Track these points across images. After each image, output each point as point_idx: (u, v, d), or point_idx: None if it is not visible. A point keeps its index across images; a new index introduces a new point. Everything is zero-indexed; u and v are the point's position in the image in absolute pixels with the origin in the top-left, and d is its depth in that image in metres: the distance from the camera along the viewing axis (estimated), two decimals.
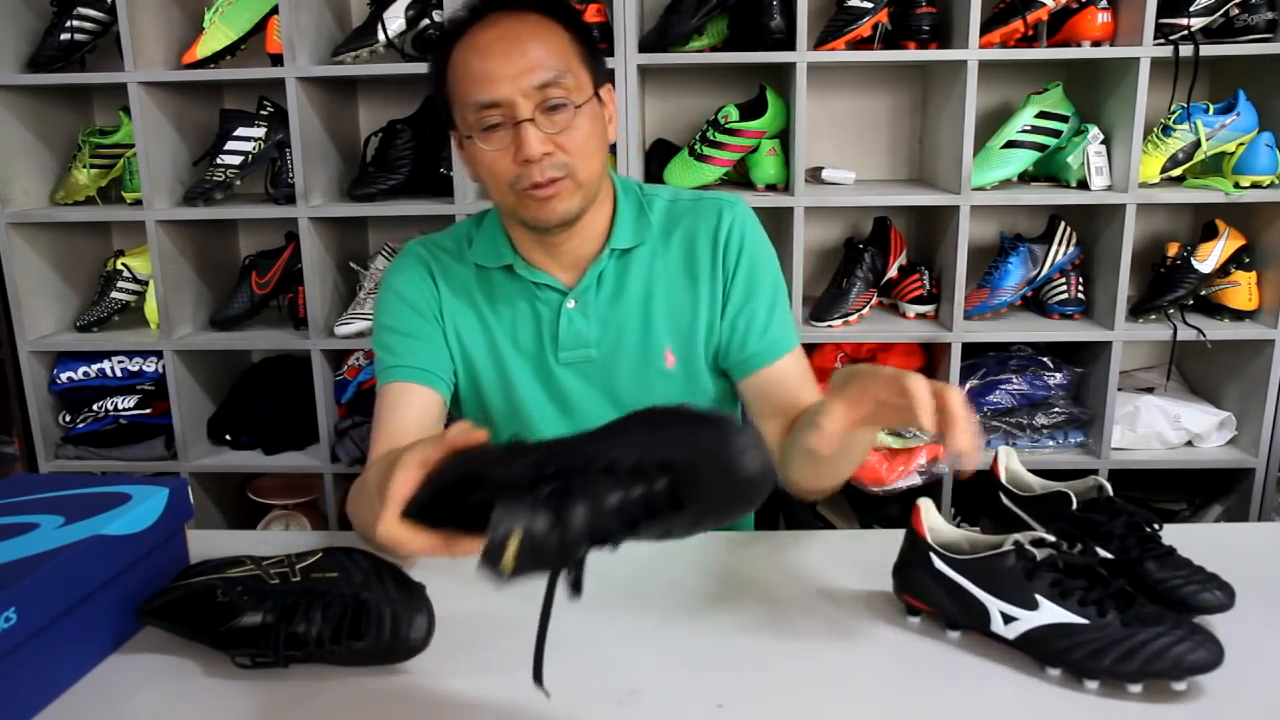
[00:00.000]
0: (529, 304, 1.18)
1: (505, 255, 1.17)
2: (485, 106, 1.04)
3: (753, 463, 0.63)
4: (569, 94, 1.05)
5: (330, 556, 0.94)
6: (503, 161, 1.05)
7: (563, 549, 0.63)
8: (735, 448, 0.62)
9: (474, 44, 1.05)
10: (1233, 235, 2.02)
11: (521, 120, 1.03)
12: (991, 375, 2.06)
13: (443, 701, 0.84)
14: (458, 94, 1.06)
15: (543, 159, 1.04)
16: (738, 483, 0.63)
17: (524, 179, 1.05)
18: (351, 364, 2.15)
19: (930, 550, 0.91)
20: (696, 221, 1.19)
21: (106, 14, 2.04)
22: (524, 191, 1.06)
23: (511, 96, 1.02)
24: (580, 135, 1.06)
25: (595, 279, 1.17)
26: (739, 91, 2.13)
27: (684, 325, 1.19)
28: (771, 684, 0.85)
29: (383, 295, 1.21)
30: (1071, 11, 1.94)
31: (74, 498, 0.97)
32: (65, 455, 2.16)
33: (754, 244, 1.20)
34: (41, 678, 0.85)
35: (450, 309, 1.19)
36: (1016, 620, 0.86)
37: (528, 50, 1.03)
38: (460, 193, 1.99)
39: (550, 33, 1.06)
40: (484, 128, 1.05)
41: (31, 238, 2.12)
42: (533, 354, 1.19)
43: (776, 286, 1.21)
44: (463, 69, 1.05)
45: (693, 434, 0.64)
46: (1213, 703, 0.81)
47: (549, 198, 1.06)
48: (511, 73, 1.02)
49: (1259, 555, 1.07)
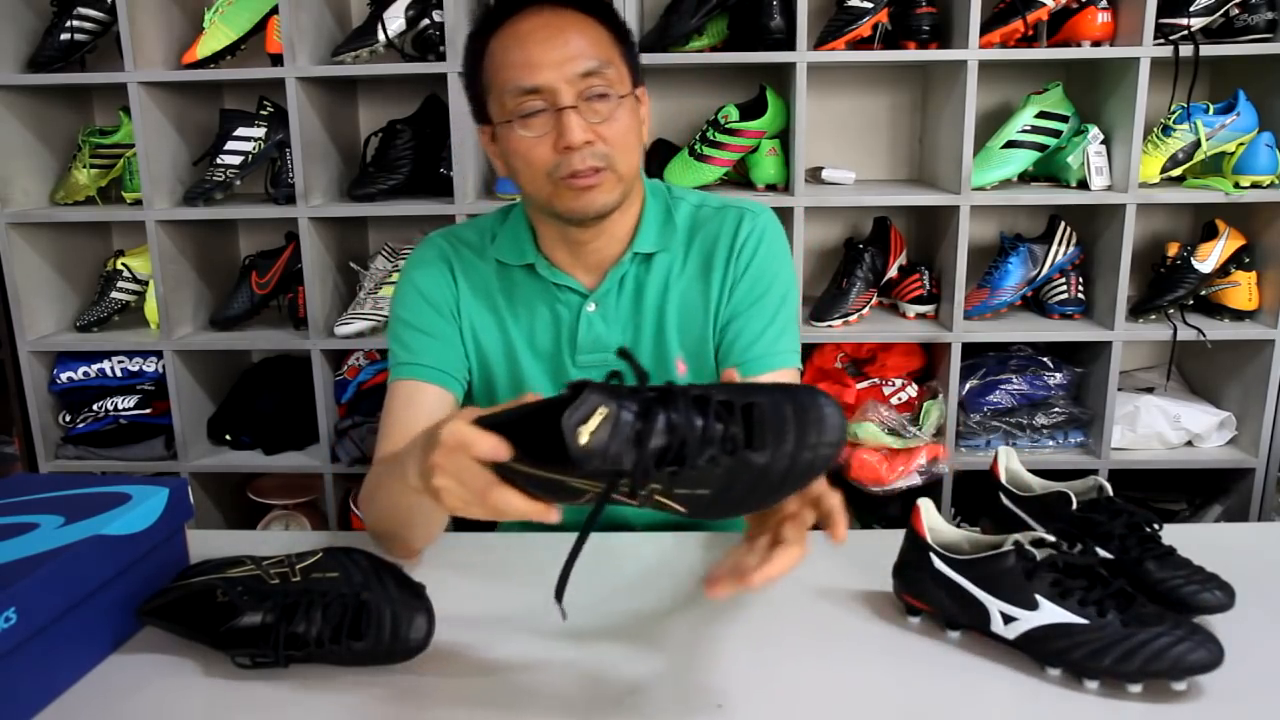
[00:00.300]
0: (548, 305, 1.17)
1: (528, 254, 1.16)
2: (526, 92, 1.03)
3: (832, 420, 0.65)
4: (611, 85, 1.04)
5: (330, 556, 0.94)
6: (541, 148, 1.04)
7: (640, 440, 0.64)
8: (820, 405, 0.65)
9: (515, 32, 1.04)
10: (1233, 235, 2.02)
11: (564, 107, 1.02)
12: (991, 375, 2.06)
13: (443, 701, 0.84)
14: (496, 81, 1.05)
15: (583, 147, 1.03)
16: (815, 437, 0.64)
17: (564, 167, 1.04)
18: (351, 364, 2.16)
19: (930, 550, 0.91)
20: (718, 228, 1.17)
21: (106, 14, 2.04)
22: (563, 180, 1.04)
23: (554, 83, 1.02)
24: (621, 127, 1.05)
25: (617, 282, 1.16)
26: (739, 91, 2.13)
27: (695, 333, 1.17)
28: (771, 684, 0.85)
29: (402, 287, 1.19)
30: (1071, 11, 1.94)
31: (74, 498, 0.97)
32: (65, 455, 2.16)
33: (769, 252, 1.17)
34: (41, 678, 0.84)
35: (468, 306, 1.18)
36: (1016, 620, 0.85)
37: (570, 39, 1.03)
38: (460, 193, 1.99)
39: (591, 27, 1.06)
40: (523, 114, 1.03)
41: (31, 238, 2.12)
42: (549, 355, 1.18)
43: (784, 300, 1.18)
44: (502, 56, 1.04)
45: (782, 391, 0.67)
46: (1213, 703, 0.81)
47: (589, 188, 1.05)
48: (555, 59, 1.02)
49: (1259, 555, 1.07)
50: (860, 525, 2.07)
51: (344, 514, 2.14)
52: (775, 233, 1.19)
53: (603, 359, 1.16)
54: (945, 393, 2.03)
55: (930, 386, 2.11)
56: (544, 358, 1.18)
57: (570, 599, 1.00)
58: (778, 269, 1.18)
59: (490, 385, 1.20)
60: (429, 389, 1.14)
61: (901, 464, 1.98)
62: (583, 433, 0.64)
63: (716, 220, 1.18)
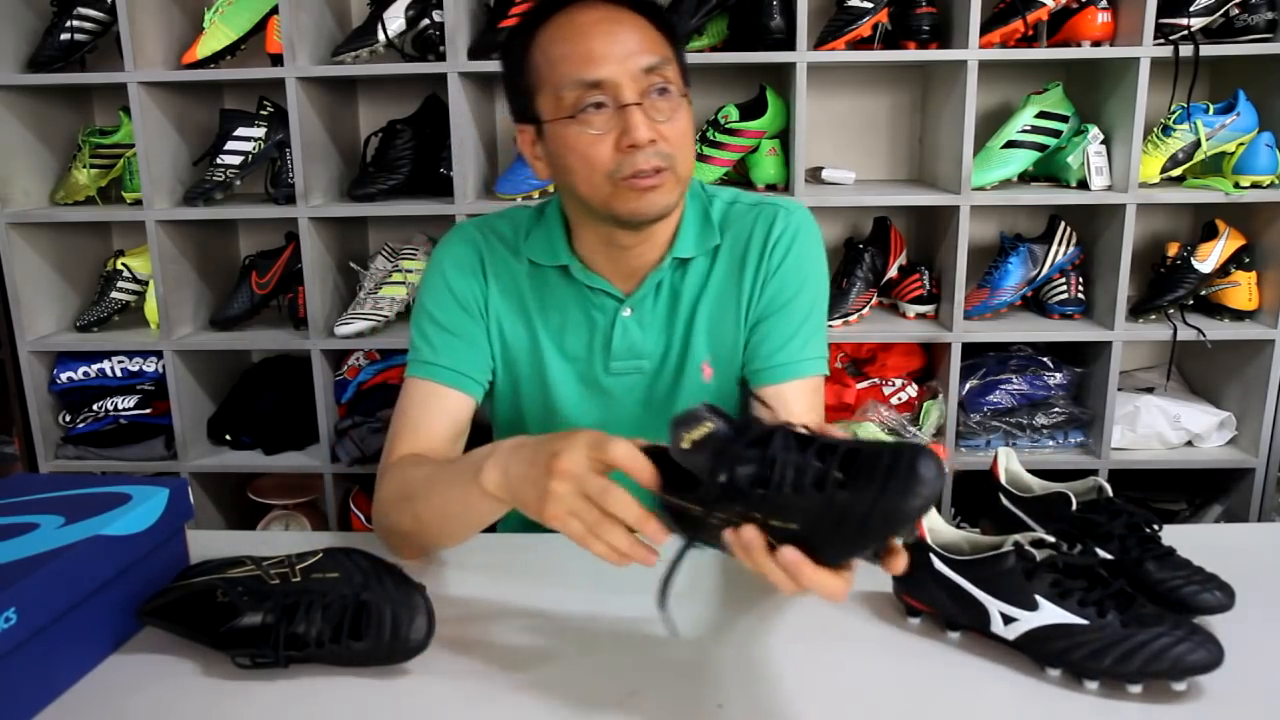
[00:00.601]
0: (582, 308, 1.14)
1: (561, 255, 1.12)
2: (588, 86, 0.98)
3: (927, 473, 0.65)
4: (672, 82, 1.01)
5: (330, 556, 0.94)
6: (602, 147, 0.99)
7: (733, 460, 0.68)
8: (917, 456, 0.65)
9: (572, 25, 1.00)
10: (1233, 235, 2.02)
11: (628, 104, 0.98)
12: (991, 375, 2.07)
13: (443, 701, 0.84)
14: (551, 76, 1.00)
15: (647, 146, 0.98)
16: (904, 484, 0.64)
17: (626, 166, 0.99)
18: (351, 364, 2.16)
19: (930, 551, 0.91)
20: (751, 226, 1.14)
21: (106, 14, 2.04)
22: (624, 181, 1.00)
23: (618, 77, 0.98)
24: (681, 126, 1.02)
25: (654, 288, 1.13)
26: (739, 91, 2.13)
27: (727, 338, 1.14)
28: (771, 684, 0.85)
29: (431, 277, 1.16)
30: (1071, 11, 1.94)
31: (74, 498, 0.97)
32: (65, 455, 2.16)
33: (802, 251, 1.14)
34: (41, 678, 0.84)
35: (496, 304, 1.15)
36: (1016, 621, 0.85)
37: (630, 34, 0.99)
38: (460, 193, 1.99)
39: (646, 25, 1.02)
40: (584, 108, 0.99)
41: (31, 238, 2.12)
42: (581, 359, 1.15)
43: (814, 304, 1.14)
44: (558, 50, 1.00)
45: (887, 444, 0.67)
46: (1213, 703, 0.81)
47: (651, 188, 1.00)
48: (619, 53, 0.98)
49: (1259, 555, 1.07)
50: None
51: (344, 514, 2.14)
52: (809, 231, 1.16)
53: (636, 365, 1.14)
54: (945, 393, 2.03)
55: (930, 386, 2.11)
56: (575, 361, 1.16)
57: (570, 599, 1.00)
58: (809, 270, 1.14)
59: (515, 384, 1.18)
60: (447, 393, 1.12)
61: None
62: (686, 438, 0.69)
63: (749, 218, 1.15)
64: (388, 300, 2.08)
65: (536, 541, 1.13)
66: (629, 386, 1.16)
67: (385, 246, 2.17)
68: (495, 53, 1.93)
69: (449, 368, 1.12)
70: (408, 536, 1.05)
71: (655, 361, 1.15)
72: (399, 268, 2.11)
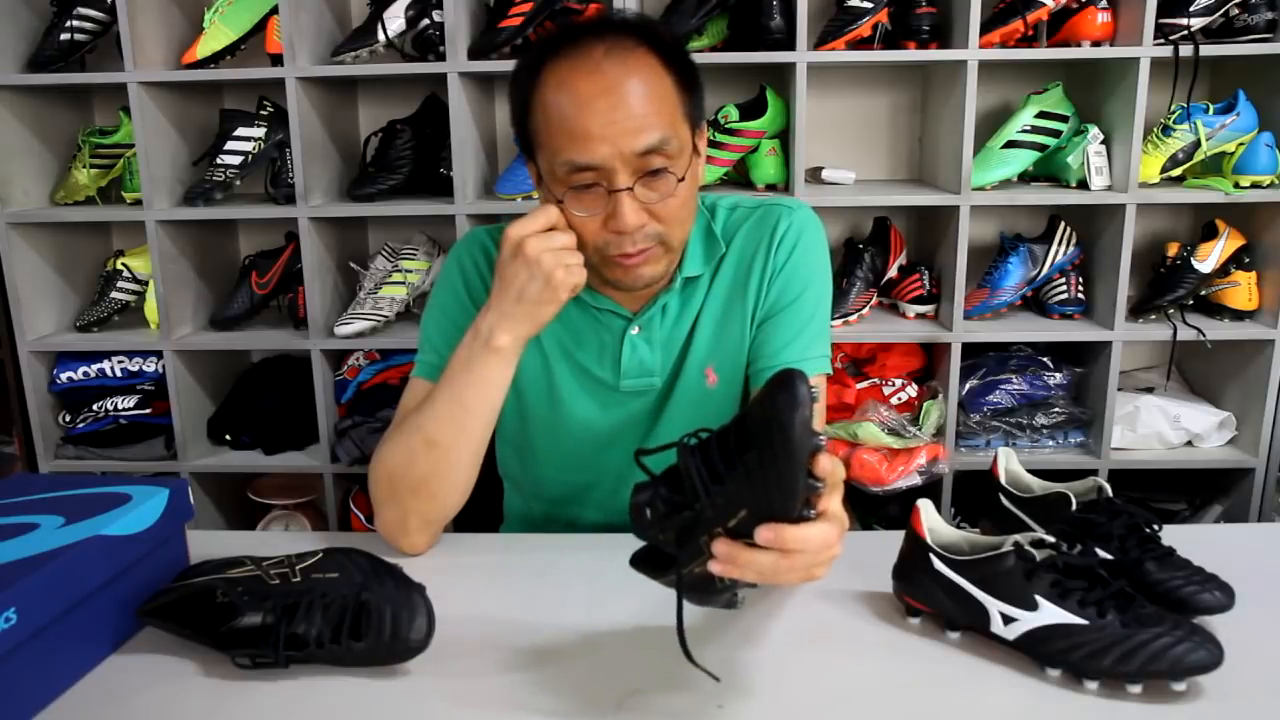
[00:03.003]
0: (590, 327, 1.15)
1: None
2: (579, 169, 0.97)
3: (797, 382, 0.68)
4: (671, 160, 0.98)
5: (330, 557, 0.94)
6: (591, 225, 1.00)
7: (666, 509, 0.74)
8: (783, 379, 0.68)
9: (571, 88, 0.96)
10: (1233, 235, 2.02)
11: (618, 190, 0.97)
12: (991, 375, 2.06)
13: (443, 701, 0.84)
14: (547, 142, 0.99)
15: (635, 230, 0.99)
16: (783, 401, 0.68)
17: (613, 247, 1.01)
18: (351, 364, 2.16)
19: (930, 551, 0.91)
20: (755, 228, 1.15)
21: (106, 14, 2.04)
22: (610, 258, 1.02)
23: (610, 162, 0.95)
24: (677, 203, 1.00)
25: (660, 308, 1.13)
26: (739, 91, 2.13)
27: (731, 339, 1.15)
28: (771, 685, 0.85)
29: (443, 282, 1.17)
30: (1071, 11, 1.94)
31: (74, 498, 0.97)
32: (65, 455, 2.16)
33: (806, 249, 1.14)
34: (41, 678, 0.84)
35: None
36: (1016, 621, 0.85)
37: (632, 108, 0.95)
38: (460, 193, 1.99)
39: (656, 82, 0.98)
40: (574, 188, 0.99)
41: (31, 238, 2.12)
42: (591, 376, 1.16)
43: (818, 304, 1.14)
44: (556, 116, 0.97)
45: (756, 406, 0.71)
46: (1213, 703, 0.81)
47: (636, 265, 1.02)
48: (613, 134, 0.95)
49: (1259, 555, 1.07)
50: (860, 525, 2.07)
51: (344, 514, 2.14)
52: (813, 230, 1.16)
53: (648, 383, 1.15)
54: (945, 393, 2.03)
55: (930, 386, 2.11)
56: (583, 375, 1.16)
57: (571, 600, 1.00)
58: (813, 269, 1.15)
59: (520, 394, 1.18)
60: None
61: (901, 464, 1.98)
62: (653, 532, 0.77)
63: (753, 220, 1.15)
64: (388, 300, 2.08)
65: (536, 542, 1.13)
66: (639, 399, 1.16)
67: (385, 246, 2.17)
68: (495, 53, 1.94)
69: None
70: (424, 483, 1.05)
71: (665, 377, 1.15)
72: (399, 268, 2.11)
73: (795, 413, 0.67)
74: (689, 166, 1.02)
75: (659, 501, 0.74)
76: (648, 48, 0.99)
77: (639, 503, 0.75)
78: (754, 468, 0.69)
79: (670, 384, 1.16)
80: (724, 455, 0.71)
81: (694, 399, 1.15)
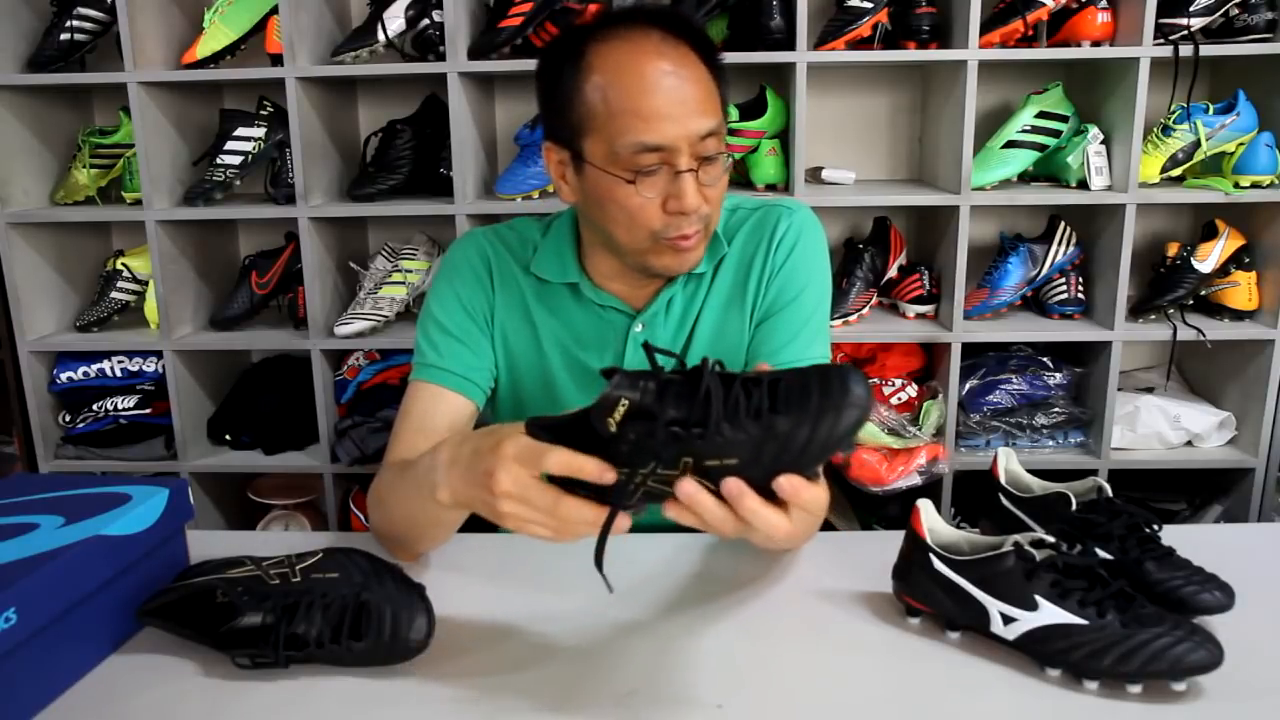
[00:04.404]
0: (592, 325, 1.15)
1: (570, 273, 1.14)
2: (648, 150, 0.97)
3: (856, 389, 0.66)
4: (722, 146, 1.01)
5: (330, 557, 0.94)
6: (651, 209, 1.00)
7: (664, 414, 0.67)
8: (844, 374, 0.66)
9: (637, 71, 0.97)
10: (1232, 235, 2.02)
11: (683, 170, 0.98)
12: (991, 375, 2.06)
13: (443, 701, 0.84)
14: (609, 125, 0.98)
15: (695, 211, 1.00)
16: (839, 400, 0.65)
17: (672, 229, 1.01)
18: (351, 364, 2.15)
19: (930, 551, 0.91)
20: (755, 228, 1.16)
21: (106, 14, 2.04)
22: (666, 241, 1.02)
23: (678, 143, 0.97)
24: (721, 189, 1.03)
25: (665, 305, 1.14)
26: (739, 91, 2.13)
27: (730, 336, 1.15)
28: (771, 684, 0.85)
29: (440, 285, 1.17)
30: (1071, 11, 1.94)
31: (74, 498, 0.97)
32: (65, 455, 2.16)
33: (805, 250, 1.15)
34: (41, 678, 0.85)
35: (501, 314, 1.16)
36: (1016, 621, 0.85)
37: (692, 89, 0.98)
38: (460, 193, 1.99)
39: (704, 74, 1.00)
40: (640, 170, 0.98)
41: (31, 238, 2.12)
42: (589, 373, 1.16)
43: (818, 304, 1.15)
44: (621, 96, 0.97)
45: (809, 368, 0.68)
46: (1213, 703, 0.81)
47: (689, 249, 1.03)
48: (680, 115, 0.97)
49: (1259, 555, 1.07)
50: (860, 525, 2.07)
51: (344, 514, 2.14)
52: (813, 231, 1.17)
53: None
54: (945, 393, 2.03)
55: (930, 386, 2.11)
56: (584, 376, 1.16)
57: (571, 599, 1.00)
58: (813, 269, 1.16)
59: (519, 396, 1.18)
60: (450, 396, 1.12)
61: (901, 464, 1.98)
62: (610, 422, 0.67)
63: (753, 221, 1.16)
64: (388, 300, 2.08)
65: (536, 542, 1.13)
66: None
67: (385, 246, 2.17)
68: (495, 53, 1.94)
69: (453, 372, 1.13)
70: (388, 539, 1.07)
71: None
72: (399, 268, 2.11)
73: (855, 412, 0.65)
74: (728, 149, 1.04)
75: (649, 398, 0.67)
76: (691, 42, 1.01)
77: (619, 389, 0.67)
78: (782, 438, 0.66)
79: None
80: (748, 400, 0.67)
81: None
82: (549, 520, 0.73)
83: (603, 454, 0.69)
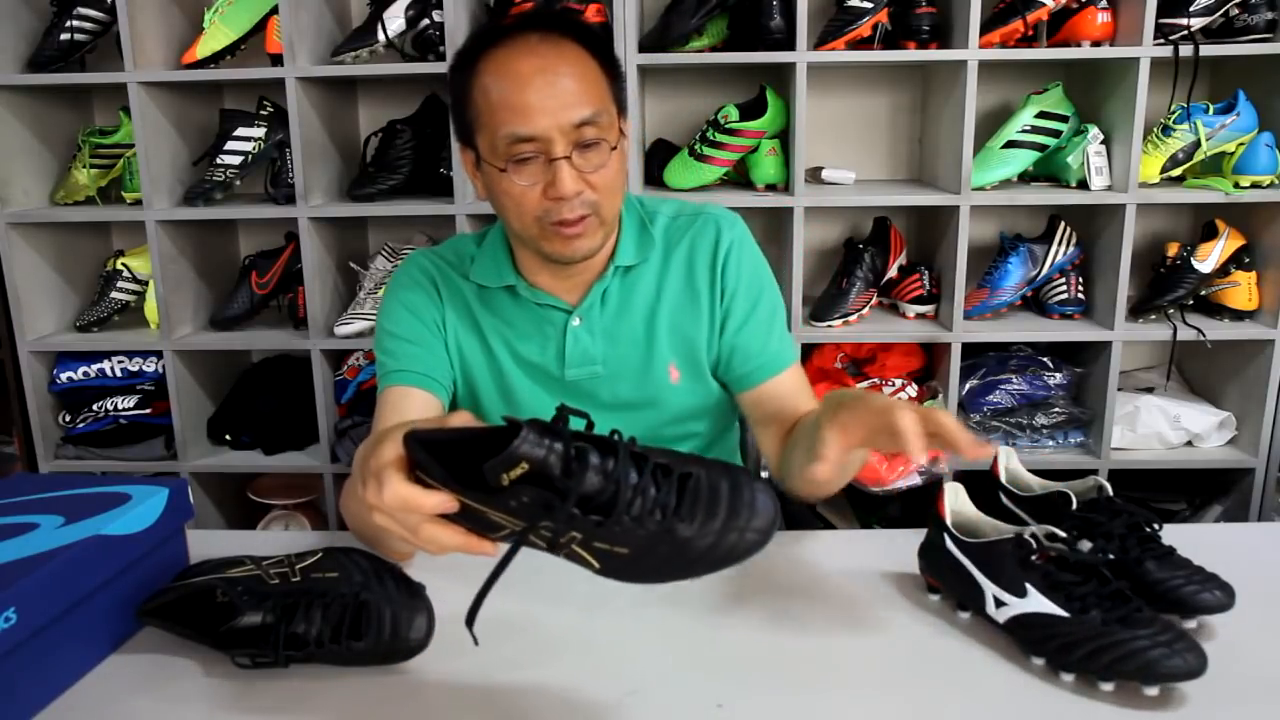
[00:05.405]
0: (534, 323, 1.19)
1: (507, 276, 1.18)
2: (520, 140, 1.03)
3: (764, 507, 0.65)
4: (603, 133, 1.05)
5: (330, 556, 0.94)
6: (532, 195, 1.05)
7: (565, 487, 0.64)
8: (755, 490, 0.65)
9: (511, 70, 1.03)
10: (1232, 235, 2.02)
11: (557, 158, 1.03)
12: (991, 375, 2.06)
13: (443, 701, 0.84)
14: (489, 121, 1.05)
15: (573, 197, 1.04)
16: (744, 520, 0.65)
17: (552, 214, 1.05)
18: (351, 364, 2.16)
19: (945, 531, 0.94)
20: (696, 239, 1.21)
21: (106, 14, 2.04)
22: (550, 226, 1.06)
23: (549, 133, 1.02)
24: (609, 174, 1.07)
25: (599, 297, 1.18)
26: (739, 91, 2.13)
27: (688, 341, 1.20)
28: (771, 684, 0.85)
29: (387, 302, 1.22)
30: (1071, 11, 1.94)
31: (74, 498, 0.97)
32: (65, 455, 2.16)
33: (750, 262, 1.21)
34: (41, 678, 0.85)
35: (452, 323, 1.20)
36: (1006, 605, 0.88)
37: (567, 85, 1.03)
38: (460, 193, 1.99)
39: (586, 65, 1.05)
40: (515, 160, 1.04)
41: (31, 238, 2.12)
42: (539, 369, 1.20)
43: (775, 303, 1.23)
44: (497, 96, 1.03)
45: (721, 468, 0.67)
46: (1213, 702, 0.80)
47: (575, 235, 1.07)
48: (551, 107, 1.01)
49: (1259, 555, 1.07)
50: (860, 525, 2.07)
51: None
52: (749, 239, 1.24)
53: (591, 371, 1.19)
54: (945, 393, 2.03)
55: (930, 386, 2.11)
56: (533, 372, 1.20)
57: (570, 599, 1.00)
58: (760, 273, 1.22)
59: (475, 398, 1.22)
60: (416, 393, 1.16)
61: (901, 464, 1.98)
62: (505, 477, 0.64)
63: (693, 230, 1.21)
64: None
65: None
66: (590, 389, 1.20)
67: (385, 246, 2.17)
68: None
69: (415, 371, 1.17)
70: (364, 542, 1.08)
71: (612, 365, 1.19)
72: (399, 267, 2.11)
73: (757, 537, 0.65)
74: (618, 141, 1.08)
75: (552, 468, 0.63)
76: (575, 37, 1.06)
77: (524, 449, 0.62)
78: (678, 538, 0.64)
79: (626, 375, 1.20)
80: (657, 492, 0.65)
81: (657, 391, 1.20)
82: (413, 539, 0.72)
83: (479, 488, 0.66)
